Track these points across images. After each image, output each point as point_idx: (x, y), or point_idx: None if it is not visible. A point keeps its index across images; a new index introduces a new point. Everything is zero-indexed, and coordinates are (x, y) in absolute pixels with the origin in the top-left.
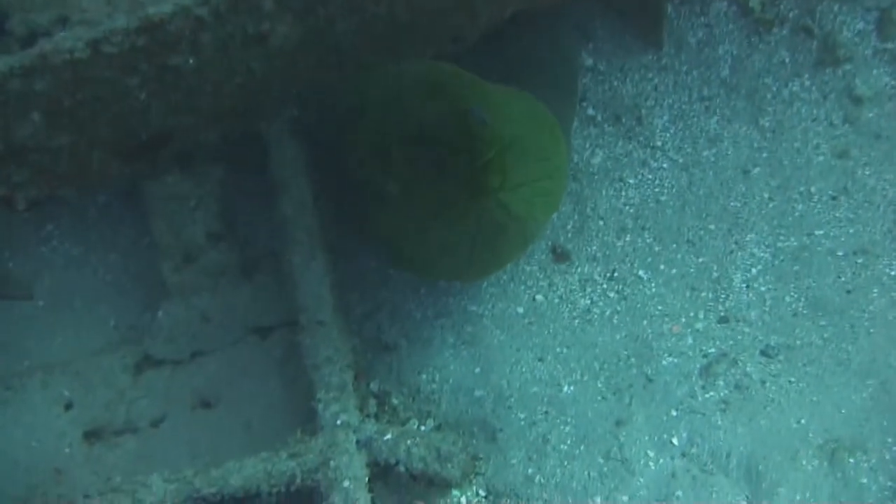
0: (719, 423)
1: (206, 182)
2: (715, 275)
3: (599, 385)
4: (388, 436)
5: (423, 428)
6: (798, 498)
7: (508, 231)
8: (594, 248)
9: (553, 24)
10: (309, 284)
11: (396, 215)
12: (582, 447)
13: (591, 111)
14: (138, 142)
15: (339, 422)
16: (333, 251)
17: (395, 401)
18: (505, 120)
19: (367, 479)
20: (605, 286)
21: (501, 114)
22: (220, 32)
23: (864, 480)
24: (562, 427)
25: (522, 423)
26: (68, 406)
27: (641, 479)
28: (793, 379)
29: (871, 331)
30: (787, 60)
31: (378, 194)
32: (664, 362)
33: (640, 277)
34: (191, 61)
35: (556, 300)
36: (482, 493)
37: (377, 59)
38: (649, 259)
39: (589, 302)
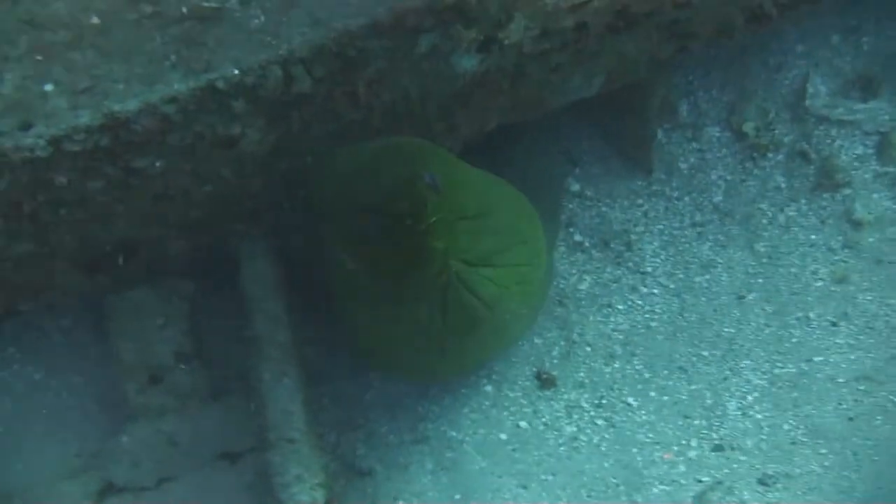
0: None
1: (174, 297)
2: (708, 402)
3: None
4: None
5: None
6: None
7: (477, 315)
8: (581, 374)
9: (537, 143)
10: (279, 401)
11: (361, 298)
12: None
13: (578, 237)
14: (102, 252)
15: None
16: (307, 371)
17: None
18: (472, 194)
19: None
20: (592, 413)
21: (469, 187)
22: (188, 133)
23: None
24: None
25: None
26: None
27: None
28: None
29: (875, 458)
30: (783, 185)
31: (343, 279)
32: (655, 490)
33: (629, 405)
34: (157, 164)
35: (541, 427)
36: None
37: None
38: (639, 386)
39: (576, 429)
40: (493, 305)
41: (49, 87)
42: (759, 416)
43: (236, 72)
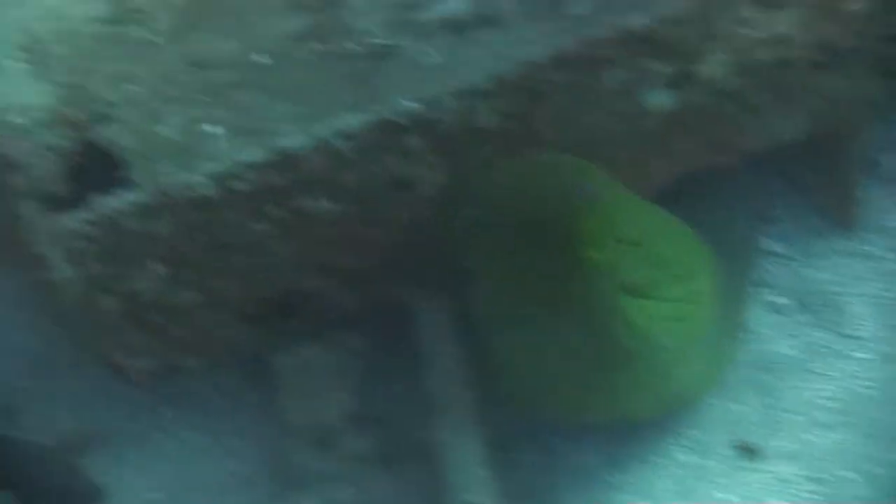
0: None
1: (342, 354)
2: None
3: None
4: None
5: None
6: None
7: (631, 350)
8: (787, 444)
9: (724, 197)
10: (460, 462)
11: (510, 327)
12: None
13: (775, 298)
14: (269, 303)
15: None
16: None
17: None
18: (630, 218)
19: None
20: (804, 487)
21: (628, 211)
22: (362, 172)
23: None
24: None
25: None
26: None
27: None
28: None
29: None
30: None
31: (493, 309)
32: None
33: (848, 479)
34: (326, 205)
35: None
36: None
37: None
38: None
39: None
40: (649, 343)
41: (215, 130)
42: None
43: (414, 105)
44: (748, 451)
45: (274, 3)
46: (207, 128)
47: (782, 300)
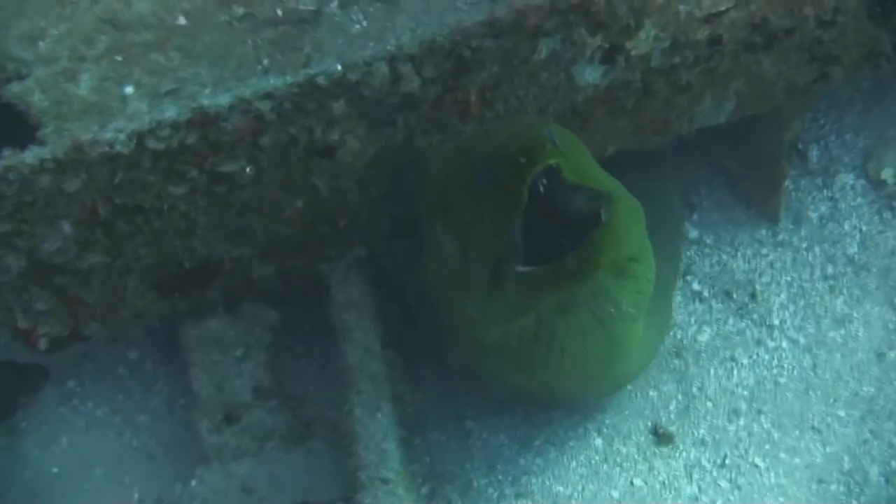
0: None
1: (255, 327)
2: (846, 466)
3: None
4: None
5: None
6: None
7: (591, 320)
8: (702, 431)
9: (654, 182)
10: (372, 438)
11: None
12: None
13: (696, 286)
14: (181, 271)
15: None
16: (402, 409)
17: None
18: (601, 179)
19: None
20: (714, 474)
21: (598, 178)
22: (283, 136)
23: None
24: None
25: None
26: None
27: None
28: None
29: None
30: None
31: (447, 274)
32: None
33: (756, 466)
34: (247, 170)
35: (658, 486)
36: None
37: None
38: (767, 446)
39: (696, 490)
40: (615, 314)
41: (129, 90)
42: None
43: (339, 67)
44: (664, 437)
45: None
46: (123, 88)
47: (702, 288)
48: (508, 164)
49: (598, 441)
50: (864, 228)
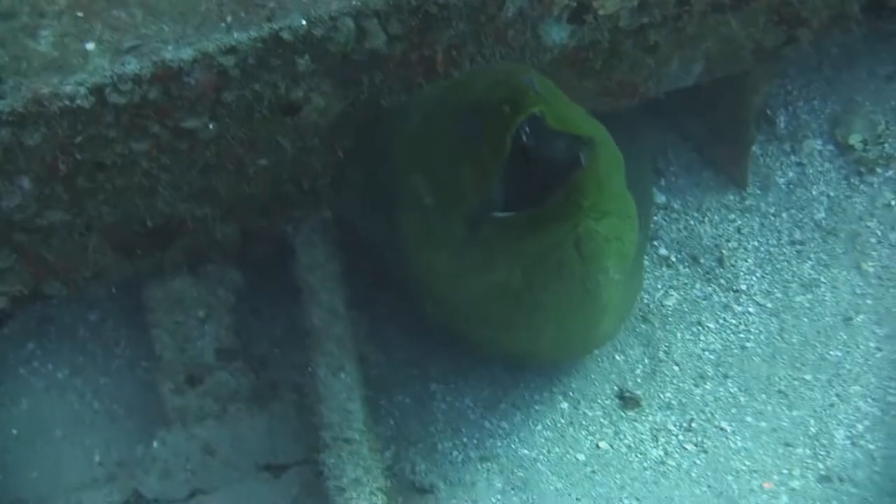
0: None
1: (218, 288)
2: (813, 430)
3: None
4: None
5: None
6: None
7: (572, 272)
8: (668, 395)
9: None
10: (336, 397)
11: (442, 245)
12: None
13: (664, 251)
14: (143, 230)
15: None
16: (366, 369)
17: None
18: (583, 122)
19: None
20: (681, 437)
21: (579, 125)
22: (247, 93)
23: None
24: None
25: None
26: None
27: None
28: None
29: None
30: (893, 203)
31: (421, 227)
32: None
33: (722, 429)
34: (210, 127)
35: (624, 449)
36: None
37: None
38: (733, 410)
39: (662, 453)
40: (590, 265)
41: (91, 46)
42: (871, 447)
43: (304, 22)
44: (630, 401)
45: None
46: (84, 44)
47: (669, 253)
48: (491, 113)
49: (564, 404)
50: (831, 194)
